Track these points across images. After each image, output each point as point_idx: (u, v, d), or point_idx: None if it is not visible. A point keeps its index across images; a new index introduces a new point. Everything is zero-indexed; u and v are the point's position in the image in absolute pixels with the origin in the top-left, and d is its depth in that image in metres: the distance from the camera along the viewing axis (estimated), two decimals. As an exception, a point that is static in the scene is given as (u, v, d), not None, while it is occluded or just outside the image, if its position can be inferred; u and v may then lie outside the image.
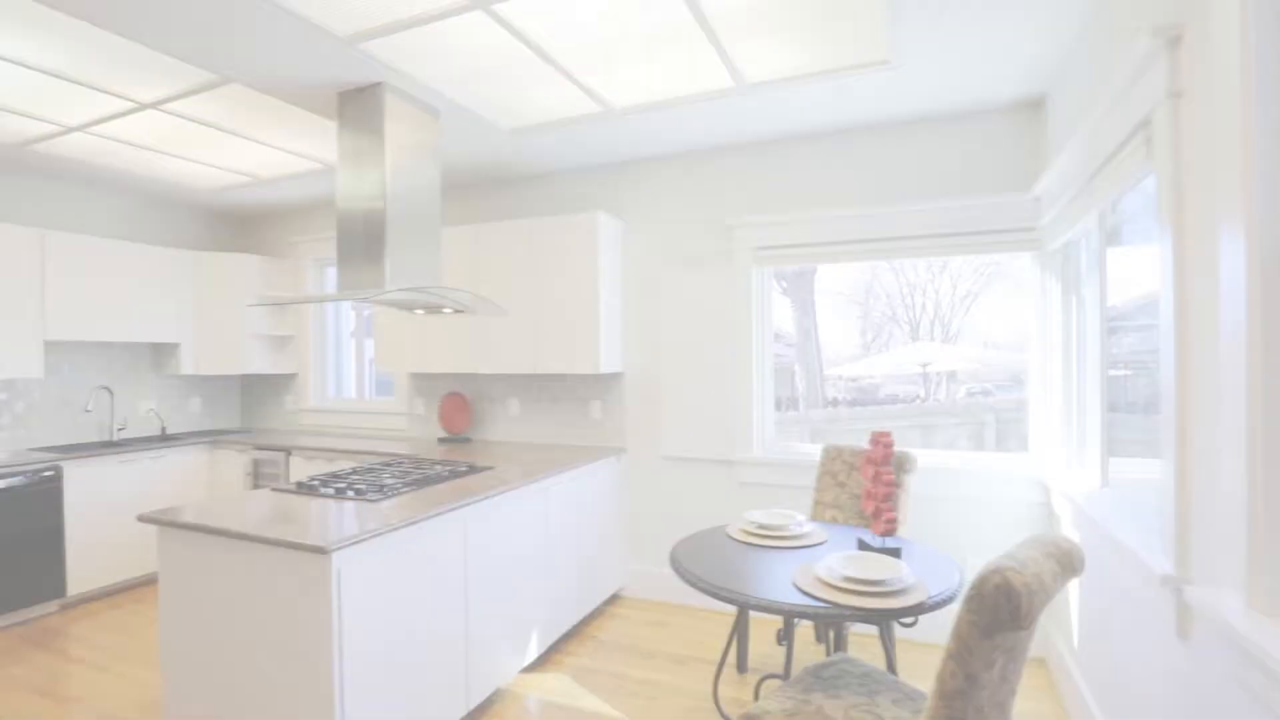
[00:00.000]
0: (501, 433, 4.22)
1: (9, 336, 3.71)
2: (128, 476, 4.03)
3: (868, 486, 2.29)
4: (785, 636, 2.52)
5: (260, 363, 4.85)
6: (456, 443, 4.12)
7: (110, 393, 4.45)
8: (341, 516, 2.21)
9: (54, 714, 2.67)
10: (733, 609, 3.63)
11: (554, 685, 2.88)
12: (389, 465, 3.15)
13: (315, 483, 2.67)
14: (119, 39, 2.38)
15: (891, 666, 2.43)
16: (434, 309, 3.06)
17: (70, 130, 3.28)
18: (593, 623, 3.54)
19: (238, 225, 5.36)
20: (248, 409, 5.33)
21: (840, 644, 2.47)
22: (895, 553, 2.18)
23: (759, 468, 3.56)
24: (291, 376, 5.07)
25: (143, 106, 3.00)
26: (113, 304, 4.18)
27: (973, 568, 2.92)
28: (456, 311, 3.06)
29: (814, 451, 3.52)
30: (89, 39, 2.39)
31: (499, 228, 3.81)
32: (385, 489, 2.55)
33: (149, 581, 4.20)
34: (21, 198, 4.06)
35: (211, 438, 4.53)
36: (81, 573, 3.80)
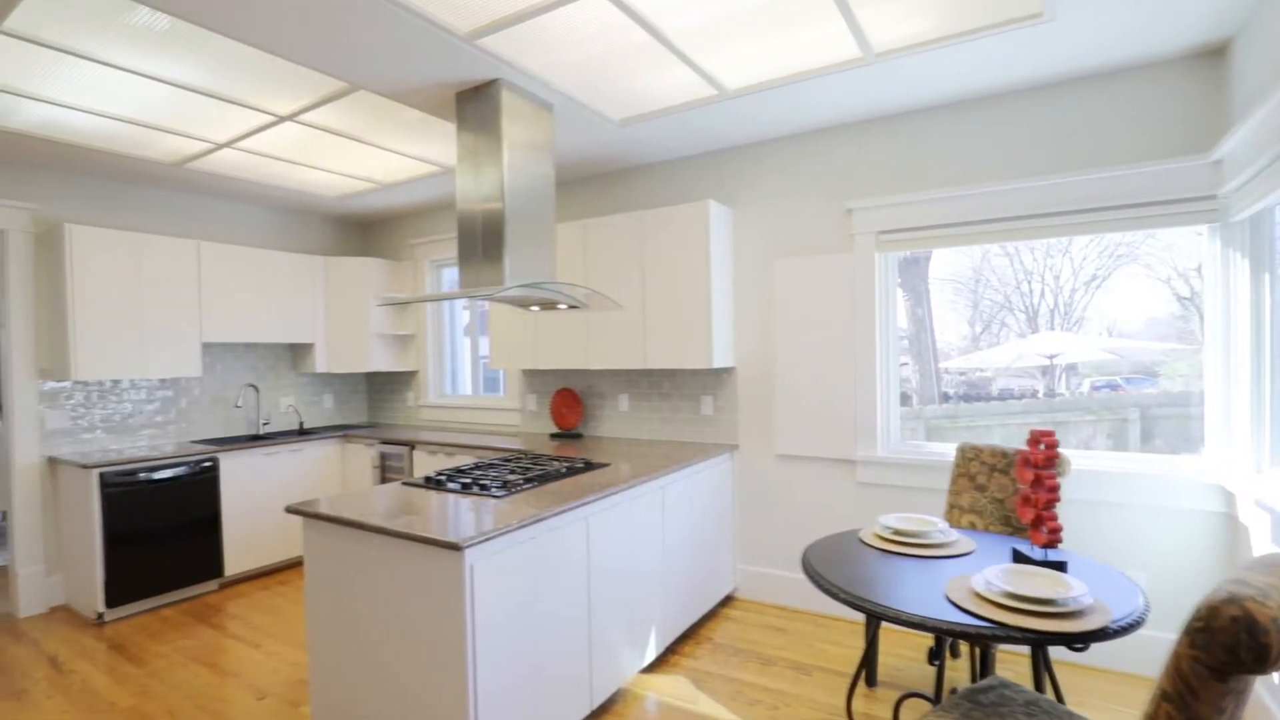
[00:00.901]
0: (612, 429, 4.21)
1: (174, 339, 4.10)
2: (272, 467, 4.35)
3: (1025, 492, 2.06)
4: (937, 655, 2.32)
5: (384, 361, 5.11)
6: (568, 439, 4.16)
7: (256, 390, 4.83)
8: (470, 512, 2.24)
9: (216, 686, 2.91)
10: (856, 615, 3.44)
11: (672, 688, 2.81)
12: (508, 461, 3.20)
13: (442, 478, 2.75)
14: (260, 54, 2.53)
15: (1057, 694, 2.18)
16: (549, 305, 3.07)
17: (220, 146, 3.56)
18: (707, 624, 3.46)
19: (362, 231, 5.68)
20: (374, 405, 5.65)
21: (987, 665, 2.25)
22: (1060, 567, 1.94)
23: (881, 468, 3.33)
24: (412, 374, 5.32)
25: (281, 119, 3.20)
26: (256, 308, 4.53)
27: (1141, 586, 2.59)
28: (571, 308, 3.06)
29: (944, 451, 3.26)
30: (235, 57, 2.56)
31: (607, 222, 3.79)
32: (509, 485, 2.58)
33: (291, 565, 4.53)
34: (180, 212, 4.47)
35: (342, 432, 4.82)
36: (235, 555, 4.14)
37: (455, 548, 1.90)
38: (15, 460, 3.74)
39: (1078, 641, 1.55)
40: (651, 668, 2.98)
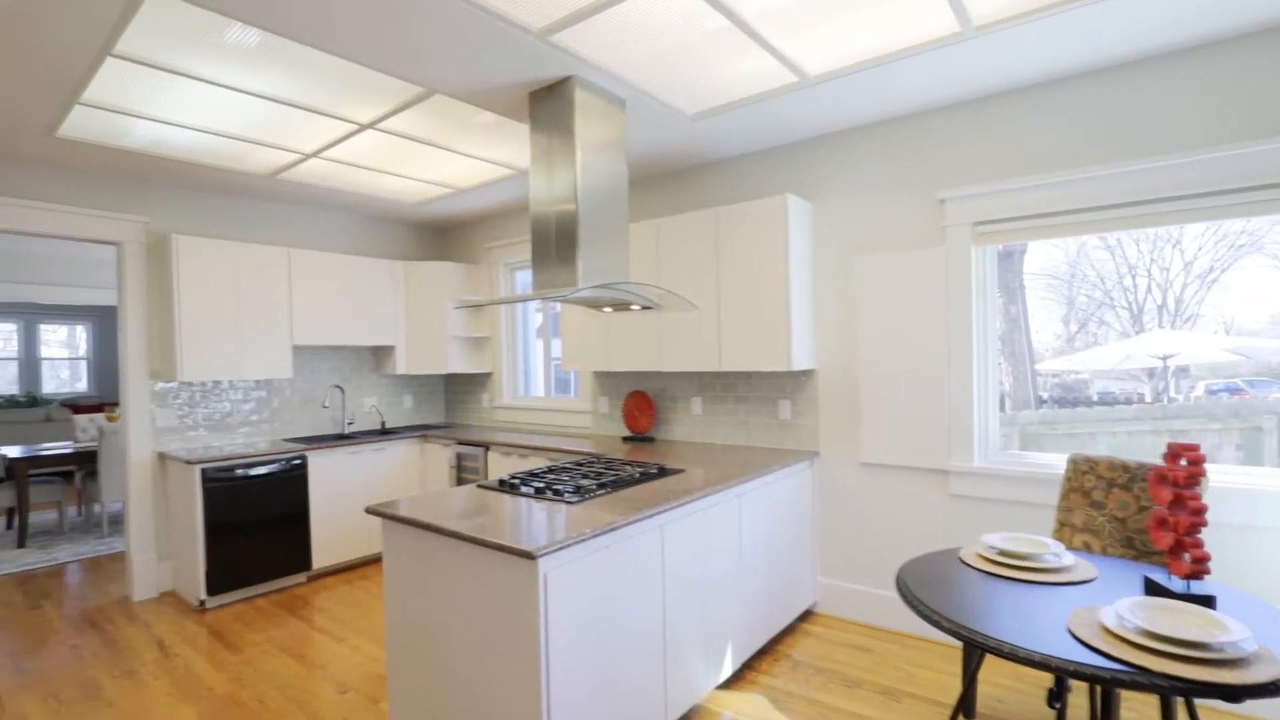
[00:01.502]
0: (684, 433, 4.10)
1: (268, 342, 4.30)
2: (356, 466, 4.50)
3: (1160, 513, 1.81)
4: (1058, 698, 2.09)
5: (460, 362, 5.21)
6: (640, 442, 4.08)
7: (342, 391, 5.02)
8: (544, 519, 2.19)
9: (303, 677, 3.00)
10: (951, 638, 3.19)
11: (750, 707, 2.68)
12: (581, 465, 3.15)
13: (515, 481, 2.72)
14: (341, 64, 2.58)
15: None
16: (621, 306, 3.00)
17: (307, 156, 3.70)
18: (785, 640, 3.29)
19: (440, 235, 5.82)
20: (451, 405, 5.77)
21: (1110, 710, 2.00)
22: (1208, 602, 1.68)
23: (978, 479, 3.08)
24: (487, 375, 5.40)
25: (362, 127, 3.28)
26: (342, 311, 4.70)
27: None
28: (644, 308, 2.98)
29: (1050, 462, 2.97)
30: (319, 68, 2.62)
31: (681, 220, 3.68)
32: (582, 491, 2.52)
33: (373, 561, 4.67)
34: (272, 221, 4.70)
35: (421, 432, 4.94)
36: (322, 550, 4.30)
37: (529, 556, 1.85)
38: (131, 455, 4.01)
39: (1247, 696, 1.32)
40: (728, 684, 2.85)
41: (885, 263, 3.31)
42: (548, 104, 2.79)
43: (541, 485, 2.61)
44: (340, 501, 4.41)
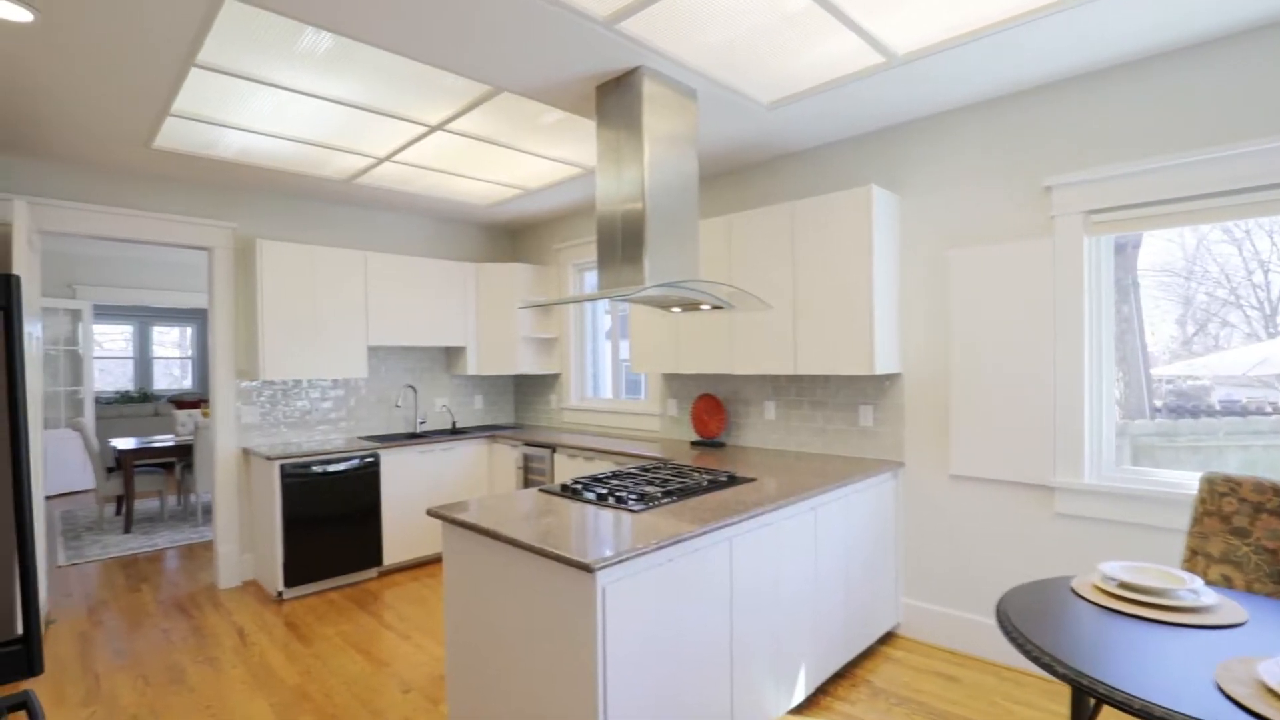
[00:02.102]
0: (756, 439, 3.92)
1: (345, 343, 4.42)
2: (426, 464, 4.56)
3: (1333, 549, 1.51)
4: None
5: (529, 364, 5.21)
6: (710, 448, 3.93)
7: (414, 391, 5.12)
8: (605, 527, 2.08)
9: (369, 674, 3.01)
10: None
11: (827, 737, 2.48)
12: (647, 471, 3.03)
13: (578, 486, 2.63)
14: (409, 65, 2.57)
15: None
16: (691, 306, 2.86)
17: (381, 161, 3.76)
18: (864, 664, 3.06)
19: (511, 237, 5.86)
20: (520, 406, 5.79)
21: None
22: (1400, 660, 1.38)
23: (1088, 497, 2.75)
24: (555, 377, 5.38)
25: (431, 129, 3.29)
26: (415, 313, 4.79)
27: None
28: (715, 308, 2.83)
29: (1177, 481, 2.63)
30: (389, 70, 2.62)
31: (755, 215, 3.51)
32: (646, 498, 2.40)
33: (440, 559, 4.72)
34: (349, 225, 4.84)
35: (490, 433, 4.96)
36: (393, 546, 4.38)
37: (587, 569, 1.74)
38: (218, 450, 4.20)
39: None
40: (800, 710, 2.66)
41: (982, 257, 3.02)
42: (615, 97, 2.69)
43: (605, 491, 2.51)
44: (411, 499, 4.48)
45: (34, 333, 3.40)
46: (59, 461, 7.19)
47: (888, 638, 3.33)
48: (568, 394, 5.27)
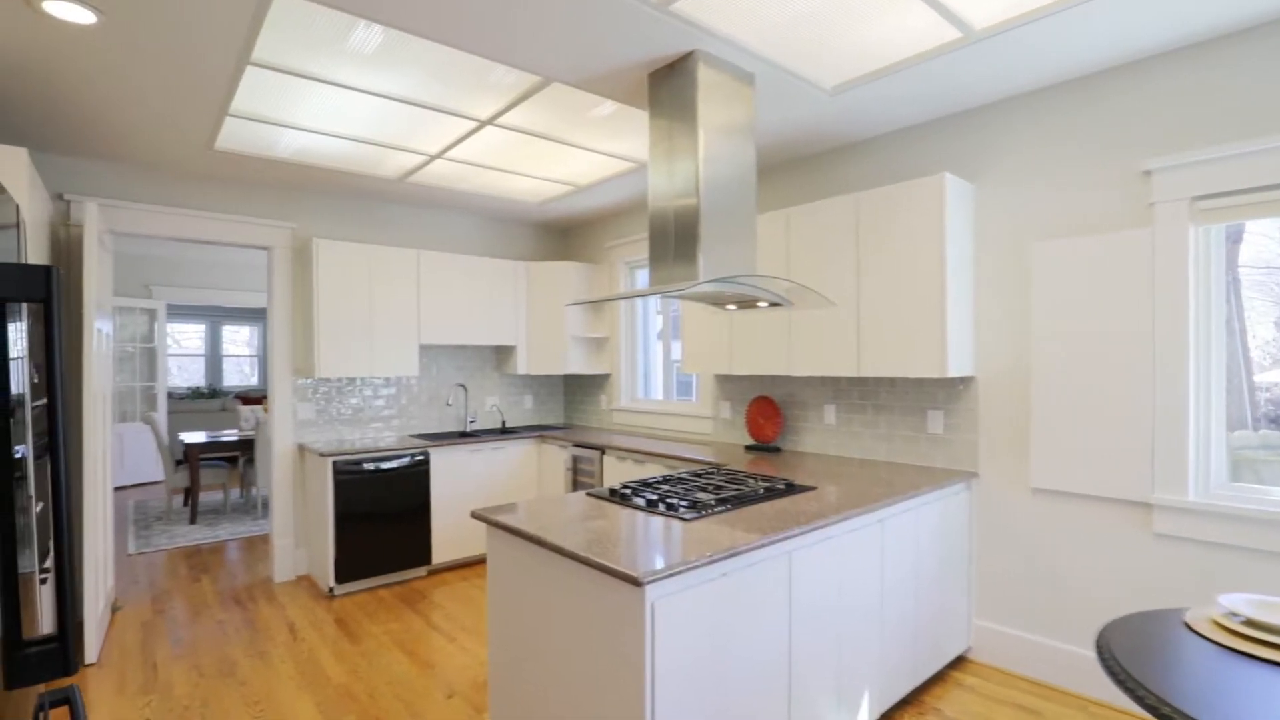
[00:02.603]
0: (815, 444, 3.72)
1: (397, 341, 4.44)
2: (475, 463, 4.53)
3: None
4: None
5: (579, 363, 5.13)
6: (765, 452, 3.75)
7: (465, 389, 5.11)
8: (656, 536, 1.96)
9: (413, 676, 2.97)
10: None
11: (893, 769, 2.28)
12: (699, 476, 2.89)
13: (627, 490, 2.52)
14: (459, 57, 2.51)
15: None
16: (747, 304, 2.71)
17: (433, 158, 3.74)
18: (933, 690, 2.83)
19: (562, 235, 5.81)
20: (569, 406, 5.73)
21: None
22: None
23: (1194, 517, 2.46)
24: (605, 377, 5.29)
25: (482, 124, 3.24)
26: (466, 312, 4.78)
27: None
28: (772, 305, 2.67)
29: (1306, 501, 2.31)
30: (437, 63, 2.57)
31: (816, 208, 3.33)
32: (699, 506, 2.26)
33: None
34: (402, 225, 4.87)
35: (539, 433, 4.90)
36: (442, 545, 4.36)
37: (635, 582, 1.62)
38: (275, 446, 4.28)
39: None
40: (864, 738, 2.47)
41: (1069, 250, 2.76)
42: (668, 85, 2.57)
43: (655, 497, 2.39)
44: (460, 498, 4.46)
45: (104, 330, 3.51)
46: (135, 454, 7.54)
47: (958, 662, 3.08)
48: (618, 395, 5.17)
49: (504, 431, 4.99)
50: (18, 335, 1.23)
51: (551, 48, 2.44)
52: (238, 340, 11.56)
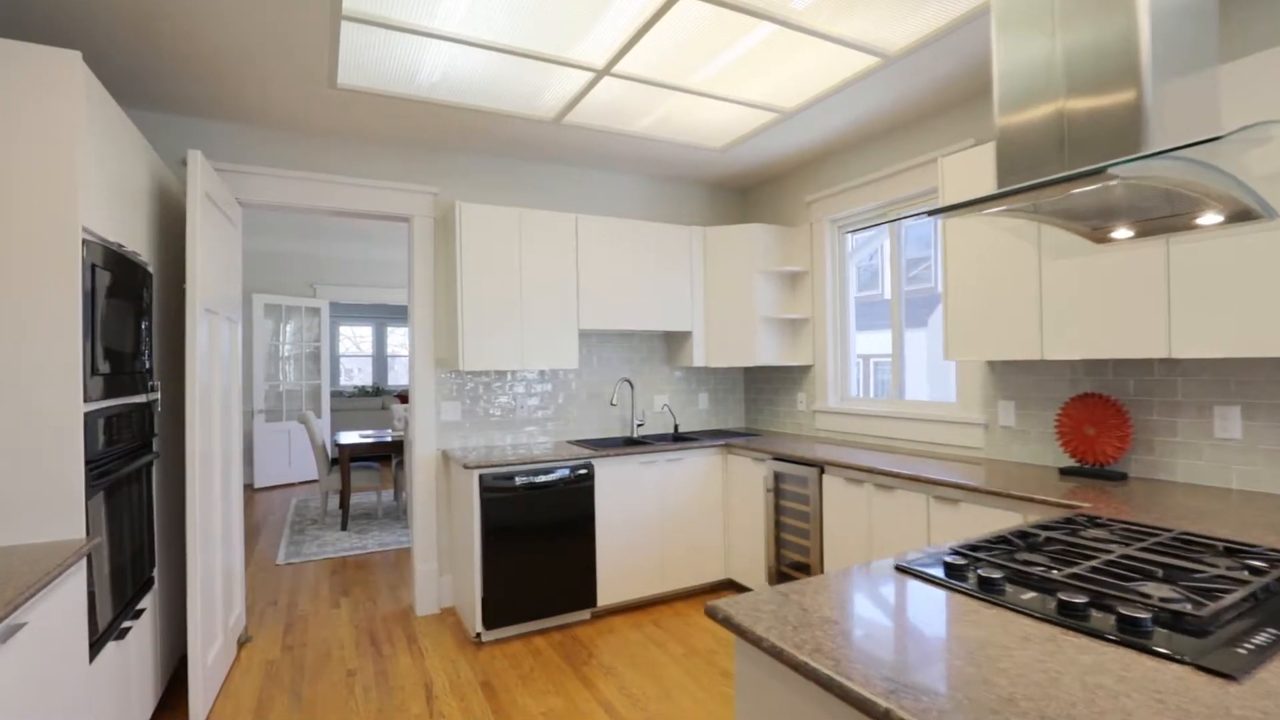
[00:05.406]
0: (1192, 469, 2.32)
1: (554, 327, 3.60)
2: (648, 479, 3.57)
3: None
4: None
5: (771, 353, 4.02)
6: (1097, 479, 2.42)
7: (631, 386, 4.19)
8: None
9: (587, 804, 2.02)
10: None
11: None
12: (1075, 530, 1.66)
13: (978, 563, 1.36)
14: None
15: None
16: (1173, 225, 1.45)
17: (600, 74, 2.80)
18: None
19: (740, 197, 4.73)
20: (751, 406, 4.63)
21: None
22: None
23: None
24: (804, 370, 4.13)
25: (666, 6, 2.23)
26: (632, 289, 3.84)
27: None
28: (1231, 220, 1.39)
29: None
30: None
31: None
32: (1217, 621, 1.06)
33: (665, 601, 3.70)
34: (554, 187, 4.03)
35: (723, 440, 3.85)
36: (608, 582, 3.44)
37: None
38: (415, 451, 3.60)
39: None
40: None
41: None
42: None
43: (1083, 600, 1.21)
44: (631, 524, 3.52)
45: (225, 314, 2.97)
46: (300, 452, 7.52)
47: None
48: (822, 392, 3.98)
49: (678, 438, 4.00)
50: None
51: None
52: (401, 338, 11.75)
